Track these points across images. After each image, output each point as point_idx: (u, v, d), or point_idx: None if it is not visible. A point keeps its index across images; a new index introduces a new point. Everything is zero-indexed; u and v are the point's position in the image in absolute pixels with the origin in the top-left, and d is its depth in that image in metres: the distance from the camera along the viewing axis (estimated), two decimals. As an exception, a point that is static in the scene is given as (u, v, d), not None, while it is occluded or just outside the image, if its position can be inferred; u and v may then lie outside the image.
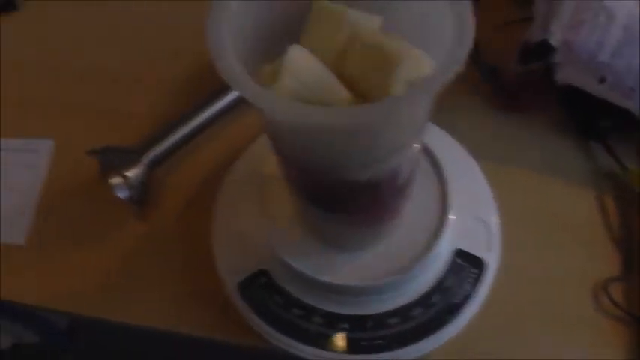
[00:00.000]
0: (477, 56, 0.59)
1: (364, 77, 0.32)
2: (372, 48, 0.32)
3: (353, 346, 0.45)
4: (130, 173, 0.52)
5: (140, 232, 0.55)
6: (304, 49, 0.31)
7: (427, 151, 0.49)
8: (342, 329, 0.45)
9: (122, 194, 0.52)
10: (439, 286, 0.47)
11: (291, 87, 0.30)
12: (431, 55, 0.32)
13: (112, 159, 0.53)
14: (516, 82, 0.59)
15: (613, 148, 0.54)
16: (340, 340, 0.45)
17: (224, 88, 0.56)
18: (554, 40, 0.52)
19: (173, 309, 0.51)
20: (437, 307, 0.46)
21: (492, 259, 0.48)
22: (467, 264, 0.48)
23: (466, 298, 0.46)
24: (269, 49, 0.34)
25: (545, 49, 0.52)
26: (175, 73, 0.63)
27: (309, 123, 0.27)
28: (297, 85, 0.30)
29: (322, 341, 0.45)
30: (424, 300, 0.46)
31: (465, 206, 0.50)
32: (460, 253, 0.48)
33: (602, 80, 0.52)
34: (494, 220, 0.50)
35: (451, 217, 0.48)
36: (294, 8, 0.35)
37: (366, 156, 0.33)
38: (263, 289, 0.47)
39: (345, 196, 0.38)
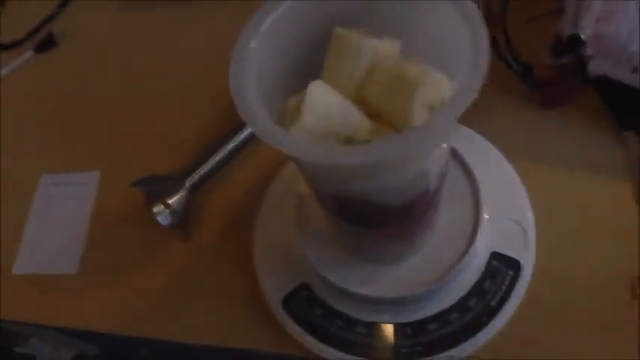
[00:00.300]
0: (510, 53, 0.59)
1: (386, 103, 0.34)
2: (391, 74, 0.34)
3: (395, 354, 0.46)
4: (172, 200, 0.55)
5: (185, 253, 0.57)
6: (324, 83, 0.33)
7: (457, 156, 0.50)
8: (383, 338, 0.46)
9: (165, 221, 0.54)
10: (476, 290, 0.48)
11: (312, 124, 0.32)
12: (451, 76, 0.33)
13: (155, 187, 0.56)
14: (550, 77, 0.59)
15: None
16: (382, 349, 0.46)
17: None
18: (585, 34, 0.52)
19: (220, 325, 0.53)
20: (474, 312, 0.47)
21: (528, 260, 0.49)
22: (503, 266, 0.49)
23: (503, 300, 0.47)
24: (296, 79, 0.35)
25: (576, 42, 0.52)
26: (212, 98, 0.65)
27: (322, 162, 0.29)
28: (319, 122, 0.32)
29: (364, 350, 0.47)
30: (461, 305, 0.47)
31: (499, 208, 0.50)
32: (496, 256, 0.49)
33: (634, 70, 0.52)
34: (529, 221, 0.51)
35: (485, 220, 0.48)
36: (317, 39, 0.37)
37: (396, 184, 0.35)
38: (305, 302, 0.49)
39: (378, 216, 0.39)
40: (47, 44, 0.76)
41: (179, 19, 0.75)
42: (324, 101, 0.32)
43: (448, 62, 0.34)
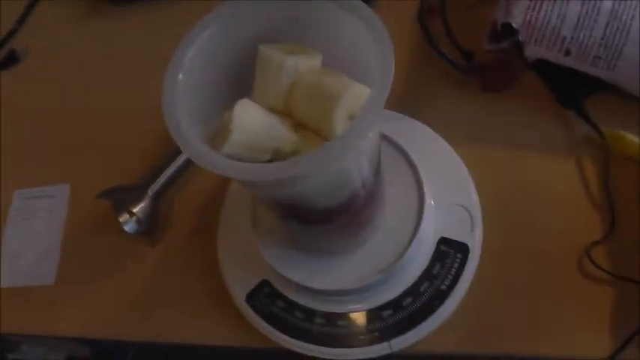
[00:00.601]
0: (450, 42, 0.62)
1: (310, 116, 0.36)
2: (313, 87, 0.36)
3: (352, 341, 0.49)
4: (137, 208, 0.57)
5: (154, 258, 0.60)
6: (249, 101, 0.36)
7: (398, 147, 0.53)
8: (341, 326, 0.49)
9: (132, 229, 0.57)
10: (426, 275, 0.50)
11: (241, 140, 0.34)
12: (370, 84, 0.36)
13: (120, 197, 0.58)
14: (490, 62, 0.62)
15: (588, 113, 0.56)
16: (341, 337, 0.49)
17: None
18: (516, 22, 0.54)
19: (191, 323, 0.56)
20: (426, 295, 0.50)
21: (476, 242, 0.52)
22: (451, 250, 0.51)
23: (453, 283, 0.50)
24: (231, 95, 0.38)
25: (509, 30, 0.55)
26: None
27: (250, 180, 0.32)
28: (247, 137, 0.35)
29: (325, 339, 0.50)
30: (413, 290, 0.50)
31: (444, 194, 0.53)
32: (444, 241, 0.52)
33: (567, 53, 0.54)
34: (475, 204, 0.53)
35: (430, 207, 0.51)
36: (246, 56, 0.39)
37: (325, 187, 0.37)
38: (267, 297, 0.52)
39: (319, 215, 0.42)
40: (10, 60, 0.78)
41: (139, 27, 0.77)
42: (250, 118, 0.35)
43: (366, 71, 0.36)
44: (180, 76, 0.36)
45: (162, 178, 0.59)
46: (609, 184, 0.54)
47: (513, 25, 0.53)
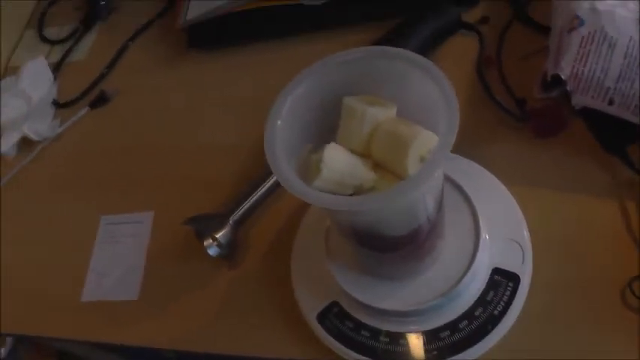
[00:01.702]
0: (505, 89, 0.68)
1: (387, 158, 0.43)
2: (389, 134, 0.43)
3: (413, 358, 0.55)
4: (220, 234, 0.64)
5: (232, 280, 0.67)
6: (337, 145, 0.43)
7: (457, 186, 0.59)
8: (403, 345, 0.55)
9: (214, 253, 0.64)
10: (481, 301, 0.56)
11: (329, 177, 0.42)
12: (436, 131, 0.43)
13: (204, 224, 0.65)
14: (542, 109, 0.68)
15: (631, 158, 0.61)
16: (403, 354, 0.55)
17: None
18: (564, 74, 0.60)
19: (265, 339, 0.62)
20: (480, 320, 0.55)
21: (526, 273, 0.57)
22: (504, 279, 0.57)
23: (505, 309, 0.55)
24: (317, 135, 0.47)
25: (558, 81, 0.61)
26: (249, 145, 0.75)
27: (336, 209, 0.39)
28: (334, 175, 0.42)
29: (388, 356, 0.55)
30: (468, 314, 0.55)
31: (498, 229, 0.59)
32: (497, 271, 0.57)
33: (611, 102, 0.60)
34: (525, 239, 0.59)
35: (485, 240, 0.57)
36: (331, 104, 0.47)
37: (397, 217, 0.44)
38: (336, 317, 0.58)
39: (388, 243, 0.48)
40: (100, 100, 0.87)
41: (217, 70, 0.86)
42: (337, 159, 0.42)
43: (434, 119, 0.43)
44: (278, 122, 0.43)
45: (243, 208, 0.66)
46: (650, 224, 0.58)
47: (562, 76, 0.59)
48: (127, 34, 0.95)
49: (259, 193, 0.67)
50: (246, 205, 0.66)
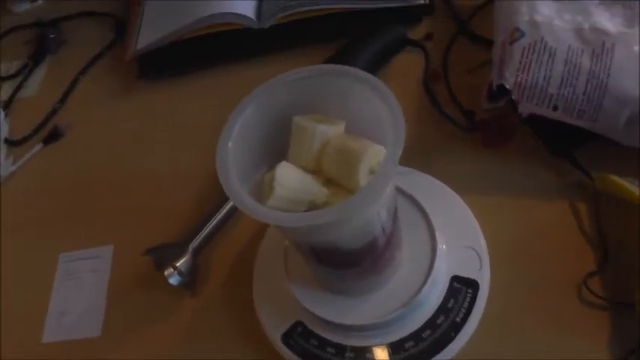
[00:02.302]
0: (453, 102, 0.71)
1: (338, 173, 0.44)
2: (339, 149, 0.44)
3: (380, 372, 0.55)
4: (179, 263, 0.64)
5: (196, 306, 0.66)
6: (288, 164, 0.43)
7: (411, 198, 0.60)
8: (369, 359, 0.56)
9: (175, 282, 0.64)
10: (442, 309, 0.57)
11: (283, 195, 0.42)
12: (385, 144, 0.44)
13: (163, 254, 0.65)
14: (490, 119, 0.69)
15: (578, 160, 0.64)
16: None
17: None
18: (509, 84, 0.62)
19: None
20: (443, 327, 0.56)
21: (484, 278, 0.58)
22: (463, 286, 0.58)
23: (466, 315, 0.56)
24: (269, 155, 0.47)
25: (503, 90, 0.63)
26: (205, 172, 0.75)
27: (291, 226, 0.39)
28: (288, 193, 0.42)
29: (355, 372, 0.56)
30: (431, 323, 0.56)
31: (454, 237, 0.60)
32: (456, 279, 0.58)
33: (555, 108, 0.61)
34: (482, 245, 0.60)
35: (442, 250, 0.58)
36: (282, 124, 0.47)
37: (352, 232, 0.45)
38: (301, 336, 0.58)
39: (345, 258, 0.49)
40: (54, 136, 0.86)
41: (168, 100, 0.86)
42: (289, 177, 0.43)
43: (382, 134, 0.44)
44: (230, 144, 0.43)
45: (202, 235, 0.66)
46: (600, 222, 0.60)
47: (506, 86, 0.61)
48: (78, 67, 0.94)
49: (217, 219, 0.67)
50: (205, 231, 0.67)
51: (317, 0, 0.79)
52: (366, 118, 0.45)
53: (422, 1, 0.78)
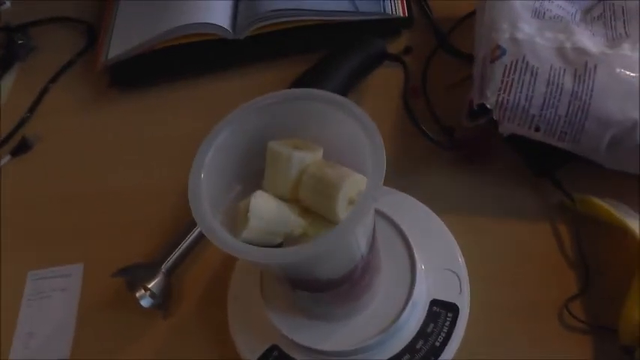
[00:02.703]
0: (433, 119, 0.69)
1: (316, 202, 0.42)
2: (317, 178, 0.42)
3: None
4: (152, 284, 0.62)
5: (168, 329, 0.64)
6: (264, 193, 0.42)
7: (389, 219, 0.59)
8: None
9: (147, 304, 0.62)
10: (421, 334, 0.55)
11: (257, 226, 0.40)
12: (365, 172, 0.42)
13: (135, 275, 0.63)
14: (470, 137, 0.68)
15: (560, 181, 0.63)
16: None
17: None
18: (490, 103, 0.61)
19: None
20: (422, 352, 0.55)
21: (464, 302, 0.57)
22: (443, 310, 0.57)
23: (446, 340, 0.55)
24: (244, 180, 0.46)
25: (484, 109, 0.62)
26: (179, 188, 0.72)
27: (266, 263, 0.37)
28: (263, 224, 0.40)
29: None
30: (410, 348, 0.55)
31: (433, 260, 0.59)
32: (435, 302, 0.57)
33: (537, 129, 0.60)
34: (461, 267, 0.59)
35: (421, 272, 0.56)
36: (257, 149, 0.46)
37: (332, 265, 0.43)
38: (277, 360, 0.57)
39: (323, 285, 0.47)
40: (22, 148, 0.83)
41: (142, 111, 0.84)
42: (265, 208, 0.41)
43: (361, 161, 0.42)
44: (202, 175, 0.41)
45: (175, 255, 0.64)
46: (582, 244, 0.60)
47: (488, 106, 0.60)
48: (47, 75, 0.91)
49: (190, 239, 0.65)
50: (178, 251, 0.65)
51: (294, 12, 0.77)
52: (343, 142, 0.44)
53: (401, 14, 0.77)
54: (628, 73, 0.58)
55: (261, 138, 0.44)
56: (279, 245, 0.43)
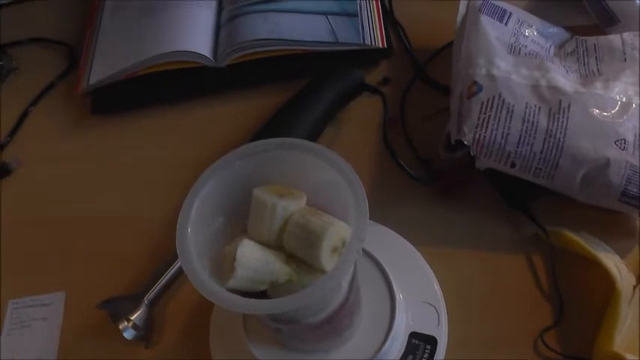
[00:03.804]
0: (411, 151, 0.71)
1: (300, 250, 0.44)
2: (301, 227, 0.43)
3: None
4: (134, 316, 0.63)
5: (150, 358, 0.65)
6: (250, 242, 0.43)
7: (369, 254, 0.60)
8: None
9: (130, 336, 0.62)
10: (400, 366, 0.57)
11: (244, 276, 0.41)
12: (347, 218, 0.43)
13: (118, 307, 0.64)
14: (447, 169, 0.70)
15: (534, 214, 0.65)
16: None
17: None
18: (467, 140, 0.62)
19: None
20: (401, 385, 0.56)
21: (442, 334, 0.59)
22: (421, 342, 0.58)
23: (424, 372, 0.57)
24: (229, 226, 0.47)
25: (461, 144, 0.63)
26: (162, 217, 0.73)
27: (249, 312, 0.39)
28: (250, 273, 0.42)
29: None
30: (390, 381, 0.56)
31: (412, 293, 0.60)
32: (414, 335, 0.58)
33: (513, 165, 0.62)
34: (439, 299, 0.61)
35: (400, 305, 0.58)
36: (242, 195, 0.47)
37: (314, 309, 0.44)
38: (259, 393, 0.58)
39: (304, 327, 0.48)
40: (2, 173, 0.83)
41: (123, 136, 0.84)
42: (251, 257, 0.42)
43: (343, 205, 0.44)
44: (189, 229, 0.43)
45: (157, 287, 0.65)
46: (556, 276, 0.61)
47: (465, 142, 0.61)
48: (28, 97, 0.91)
49: (173, 270, 0.66)
50: (161, 282, 0.65)
51: (274, 41, 0.78)
52: (325, 188, 0.45)
53: (380, 45, 0.78)
54: (600, 112, 0.60)
55: (247, 184, 0.45)
56: (264, 291, 0.44)
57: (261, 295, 0.45)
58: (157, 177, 0.78)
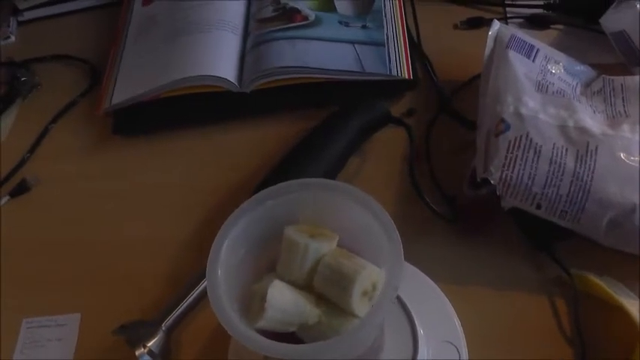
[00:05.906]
0: (435, 187, 0.71)
1: (331, 293, 0.43)
2: (332, 269, 0.43)
3: None
4: (151, 343, 0.62)
5: (166, 385, 0.64)
6: (280, 283, 0.42)
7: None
8: None
9: (147, 363, 0.62)
10: (422, 405, 0.56)
11: (273, 317, 0.41)
12: (380, 263, 0.43)
13: (135, 333, 0.63)
14: (471, 205, 0.69)
15: (558, 256, 0.64)
16: None
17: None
18: (494, 179, 0.62)
19: None
20: None
21: (464, 375, 0.58)
22: (443, 382, 0.57)
23: (446, 414, 0.56)
24: (258, 264, 0.46)
25: (487, 182, 0.63)
26: (183, 241, 0.74)
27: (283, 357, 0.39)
28: (279, 315, 0.41)
29: None
30: (410, 423, 0.55)
31: (433, 332, 0.59)
32: (436, 374, 0.58)
33: (538, 207, 0.62)
34: (461, 339, 0.60)
35: (423, 344, 0.57)
36: (272, 234, 0.46)
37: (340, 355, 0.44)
38: None
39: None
40: (21, 189, 0.83)
41: (144, 158, 0.84)
42: (281, 298, 0.42)
43: (376, 249, 0.43)
44: (219, 271, 0.42)
45: (175, 314, 0.64)
46: (579, 320, 0.61)
47: (491, 181, 0.61)
48: (50, 114, 0.91)
49: (191, 298, 0.65)
50: (179, 310, 0.65)
51: (300, 69, 0.78)
52: (359, 232, 0.45)
53: (406, 77, 0.78)
54: (628, 156, 0.60)
55: (279, 221, 0.45)
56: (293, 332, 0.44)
57: (290, 335, 0.44)
58: (175, 200, 0.78)
